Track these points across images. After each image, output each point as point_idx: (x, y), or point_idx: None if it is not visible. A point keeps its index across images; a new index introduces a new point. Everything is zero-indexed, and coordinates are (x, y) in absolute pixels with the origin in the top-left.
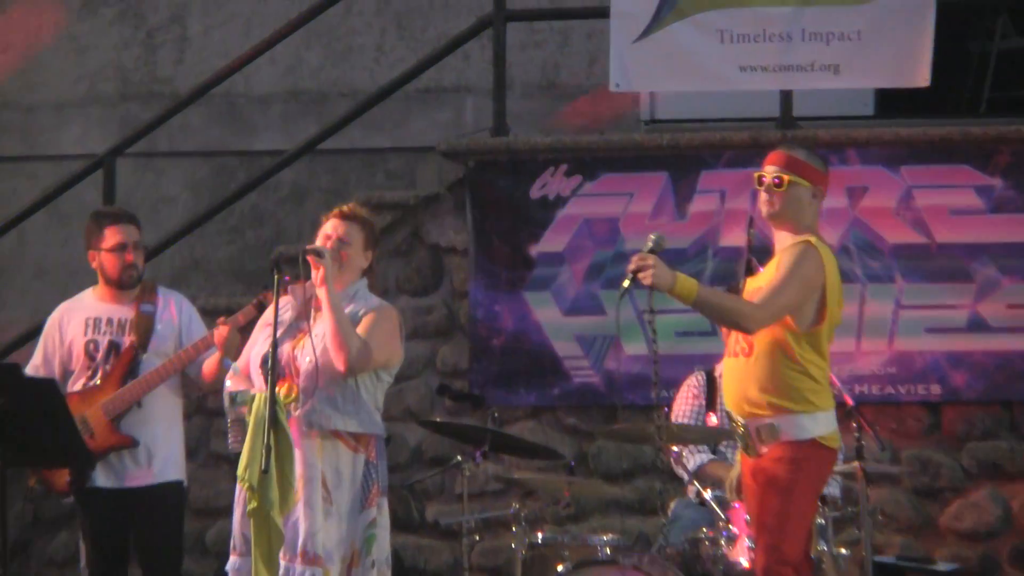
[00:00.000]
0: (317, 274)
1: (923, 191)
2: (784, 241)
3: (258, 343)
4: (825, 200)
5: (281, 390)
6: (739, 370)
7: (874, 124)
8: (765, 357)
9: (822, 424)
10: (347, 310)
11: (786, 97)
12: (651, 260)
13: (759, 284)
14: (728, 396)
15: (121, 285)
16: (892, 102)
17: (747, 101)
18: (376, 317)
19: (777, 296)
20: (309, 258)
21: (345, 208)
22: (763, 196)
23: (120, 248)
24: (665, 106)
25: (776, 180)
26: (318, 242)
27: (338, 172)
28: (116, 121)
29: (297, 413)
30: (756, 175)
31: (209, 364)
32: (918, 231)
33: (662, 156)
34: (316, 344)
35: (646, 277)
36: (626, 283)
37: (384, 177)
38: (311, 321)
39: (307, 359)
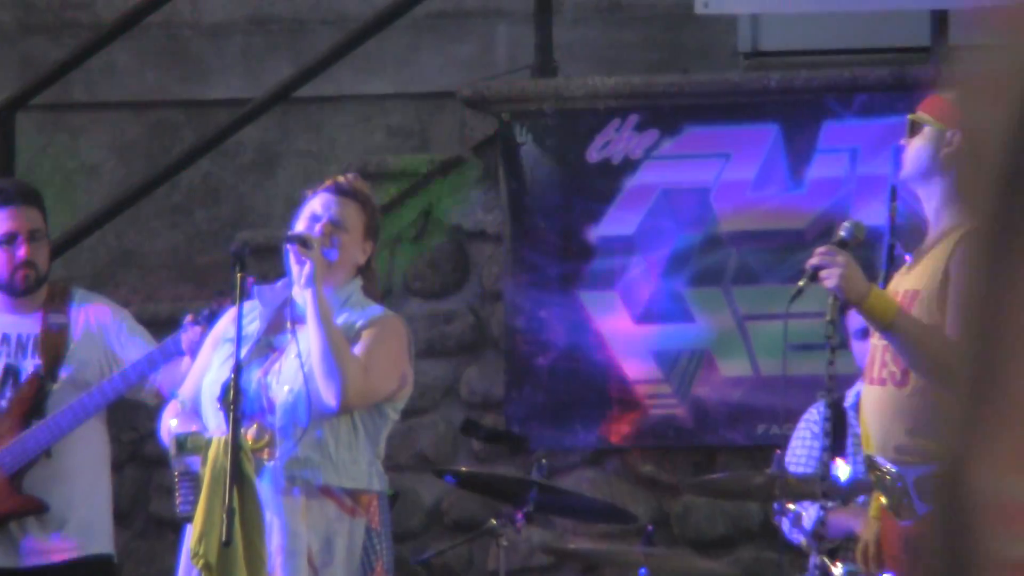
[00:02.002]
0: (301, 272)
1: None
2: (936, 219)
3: (212, 367)
4: None
5: (248, 433)
6: (886, 404)
7: None
8: (929, 389)
9: None
10: (339, 321)
11: (939, 19)
12: (841, 258)
13: (912, 287)
14: (870, 437)
15: (13, 290)
16: None
17: (886, 26)
18: (378, 332)
19: None
20: (292, 249)
21: (341, 179)
22: None
23: (8, 240)
24: (773, 33)
25: (912, 124)
26: (301, 226)
27: (321, 129)
28: (15, 62)
29: (272, 464)
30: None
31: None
32: None
33: (769, 102)
34: (298, 368)
35: (831, 278)
36: (802, 283)
37: (385, 135)
38: (290, 336)
39: (285, 388)
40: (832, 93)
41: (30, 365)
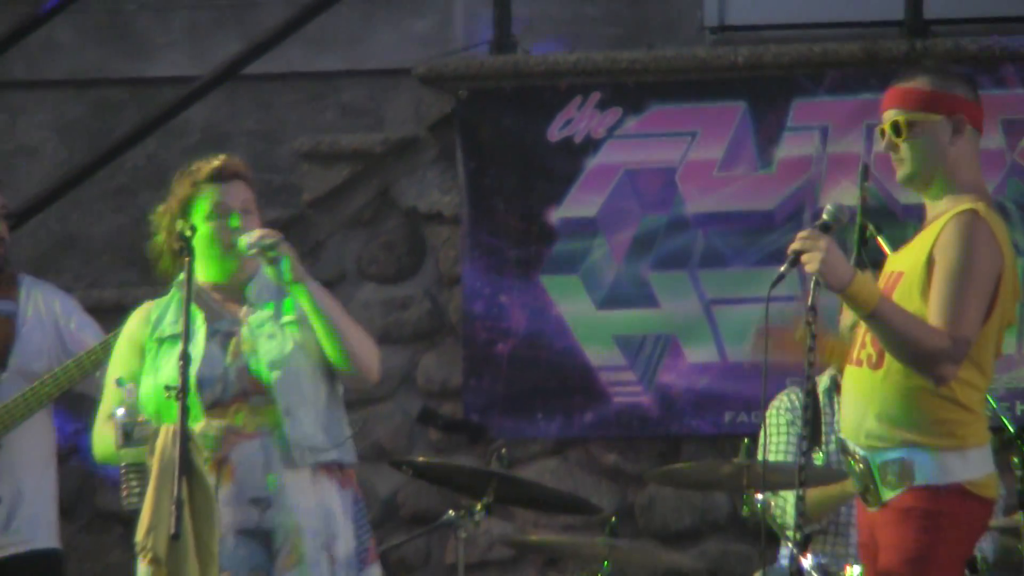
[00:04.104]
0: (282, 270)
1: None
2: (931, 207)
3: (163, 366)
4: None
5: (224, 416)
6: (861, 387)
7: None
8: (899, 374)
9: (973, 464)
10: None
11: None
12: (823, 242)
13: (898, 268)
14: (845, 419)
15: None
16: None
17: None
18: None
19: (966, 317)
20: (257, 252)
21: (218, 164)
22: (893, 158)
23: None
24: (740, 6)
25: (894, 128)
26: (212, 224)
27: (271, 108)
28: None
29: (272, 443)
30: (879, 129)
31: None
32: None
33: (737, 79)
34: (281, 348)
35: (811, 262)
36: (783, 268)
37: (337, 114)
38: (244, 319)
39: (275, 372)
40: (802, 69)
41: None
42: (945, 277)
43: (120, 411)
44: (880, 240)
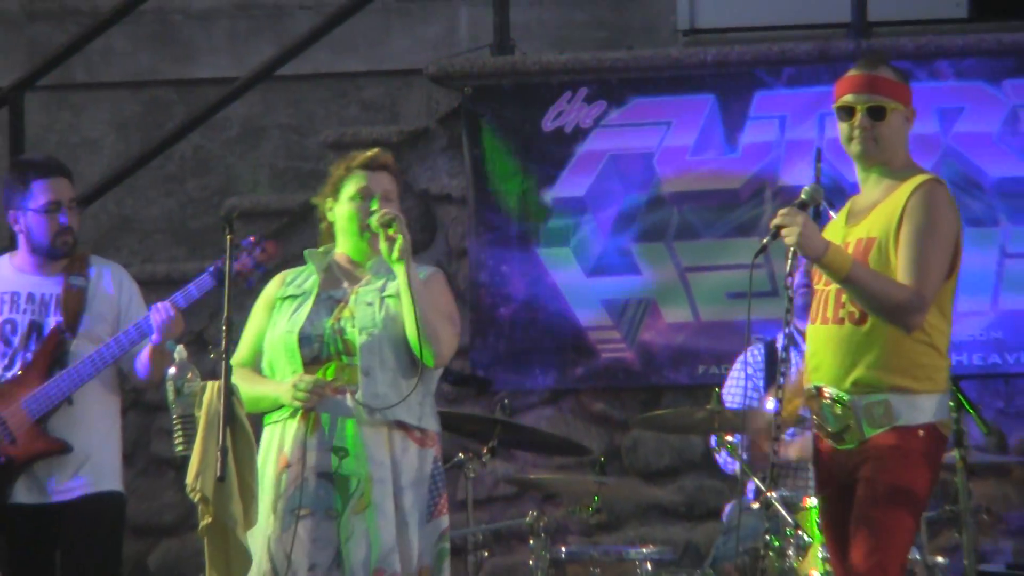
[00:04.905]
0: (393, 247)
1: None
2: (878, 182)
3: (279, 323)
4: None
5: (318, 372)
6: (845, 341)
7: (970, 29)
8: (884, 327)
9: (942, 406)
10: (391, 285)
11: None
12: (800, 218)
13: (866, 235)
14: (822, 370)
15: (53, 253)
16: (991, 2)
17: (811, 4)
18: (445, 288)
19: (929, 271)
20: (382, 225)
21: (371, 155)
22: (854, 132)
23: (54, 207)
24: (708, 12)
25: (877, 110)
26: (352, 205)
27: (301, 104)
28: (22, 46)
29: (355, 398)
30: (838, 107)
31: (146, 355)
32: None
33: (706, 75)
34: (373, 315)
35: (791, 235)
36: (765, 240)
37: (359, 109)
38: (348, 289)
39: (365, 335)
40: (763, 66)
41: (52, 321)
42: (913, 238)
43: (171, 370)
44: (832, 214)
